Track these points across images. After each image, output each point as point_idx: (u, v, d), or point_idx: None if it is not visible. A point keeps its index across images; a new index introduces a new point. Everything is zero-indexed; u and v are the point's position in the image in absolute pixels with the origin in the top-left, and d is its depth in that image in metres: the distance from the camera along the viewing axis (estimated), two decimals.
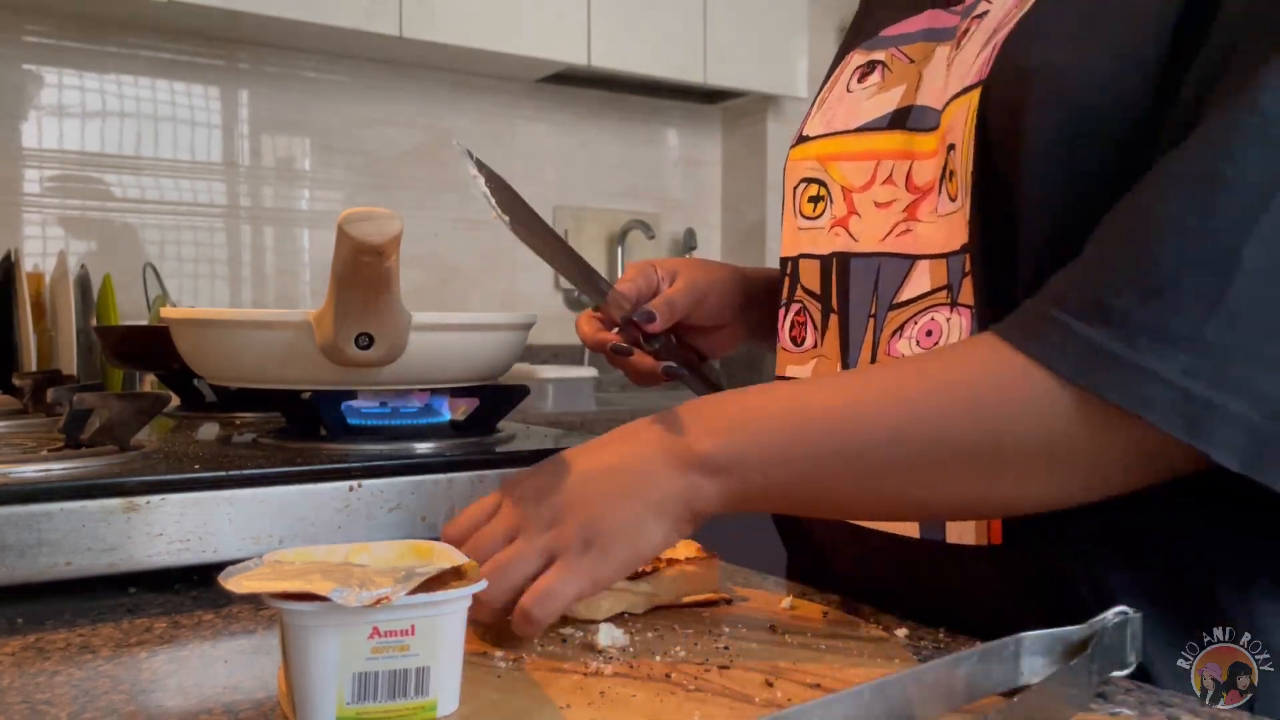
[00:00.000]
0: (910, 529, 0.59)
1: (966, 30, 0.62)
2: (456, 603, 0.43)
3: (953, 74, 0.61)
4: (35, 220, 2.22)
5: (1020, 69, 0.54)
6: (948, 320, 0.59)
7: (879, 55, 0.70)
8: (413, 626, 0.41)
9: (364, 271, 0.67)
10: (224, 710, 0.45)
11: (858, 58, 0.72)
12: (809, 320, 0.69)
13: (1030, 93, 0.53)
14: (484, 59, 2.49)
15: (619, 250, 2.89)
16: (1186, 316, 0.45)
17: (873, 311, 0.64)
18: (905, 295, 0.61)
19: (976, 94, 0.56)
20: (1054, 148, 0.52)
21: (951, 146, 0.58)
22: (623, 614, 0.57)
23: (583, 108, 2.86)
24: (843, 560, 0.67)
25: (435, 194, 2.65)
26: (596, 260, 2.88)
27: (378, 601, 0.40)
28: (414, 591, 0.41)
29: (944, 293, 0.59)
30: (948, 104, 0.60)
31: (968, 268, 0.58)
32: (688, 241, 3.00)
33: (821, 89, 0.84)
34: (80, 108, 2.24)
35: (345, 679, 0.41)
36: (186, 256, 2.37)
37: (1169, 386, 0.45)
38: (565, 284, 2.84)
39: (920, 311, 0.61)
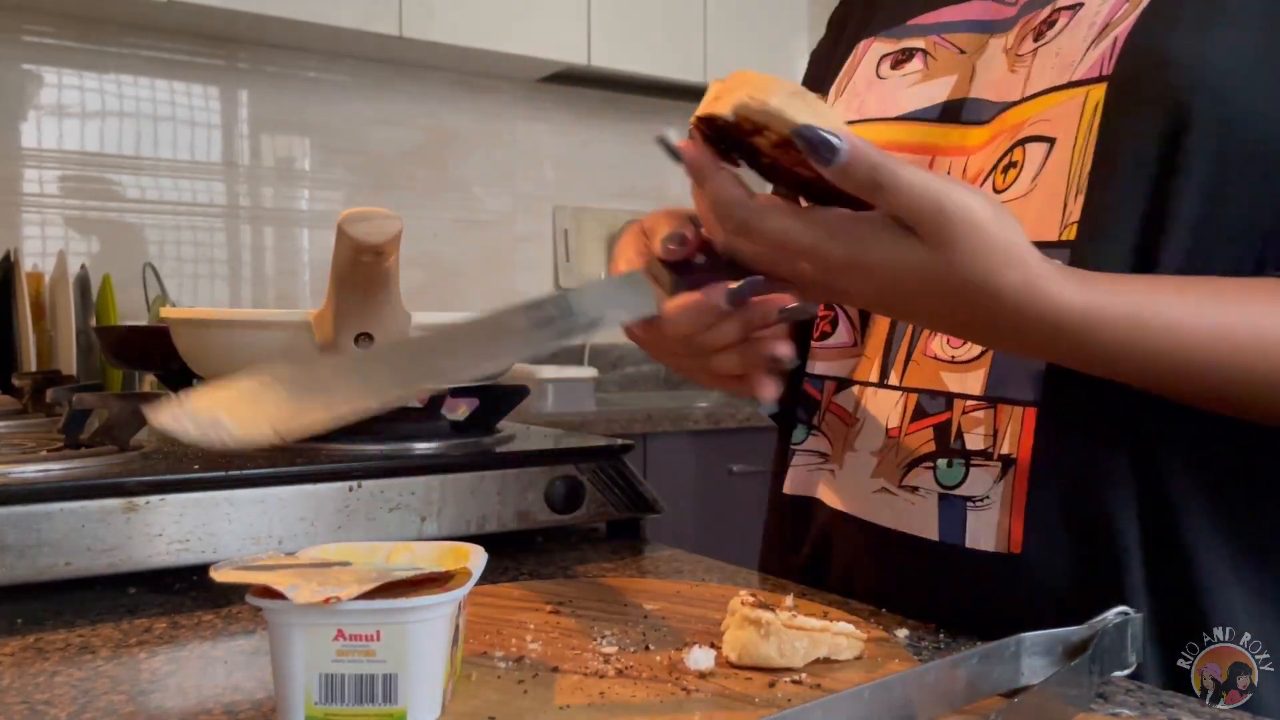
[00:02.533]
0: (930, 531, 0.59)
1: (1050, 20, 0.60)
2: (425, 611, 0.41)
3: (1038, 65, 0.59)
4: (35, 220, 2.22)
5: (1152, 62, 0.53)
6: None
7: (916, 43, 0.67)
8: (378, 632, 0.40)
9: (363, 271, 0.67)
10: (223, 711, 0.45)
11: (881, 45, 0.70)
12: (841, 316, 0.68)
13: (1166, 86, 0.52)
14: (484, 59, 2.49)
15: None
16: None
17: None
18: None
19: (1098, 89, 0.54)
20: (1196, 141, 0.51)
21: (1036, 139, 0.57)
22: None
23: (583, 108, 2.86)
24: (853, 559, 0.66)
25: (435, 194, 2.65)
26: (596, 260, 2.88)
27: (326, 601, 0.39)
28: (382, 595, 0.40)
29: None
30: (1033, 96, 0.58)
31: None
32: None
33: (811, 82, 0.82)
34: (80, 108, 2.24)
35: (312, 678, 0.40)
36: (186, 256, 2.37)
37: None
38: (565, 284, 2.84)
39: None
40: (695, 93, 2.91)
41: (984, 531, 0.56)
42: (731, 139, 0.49)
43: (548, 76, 2.70)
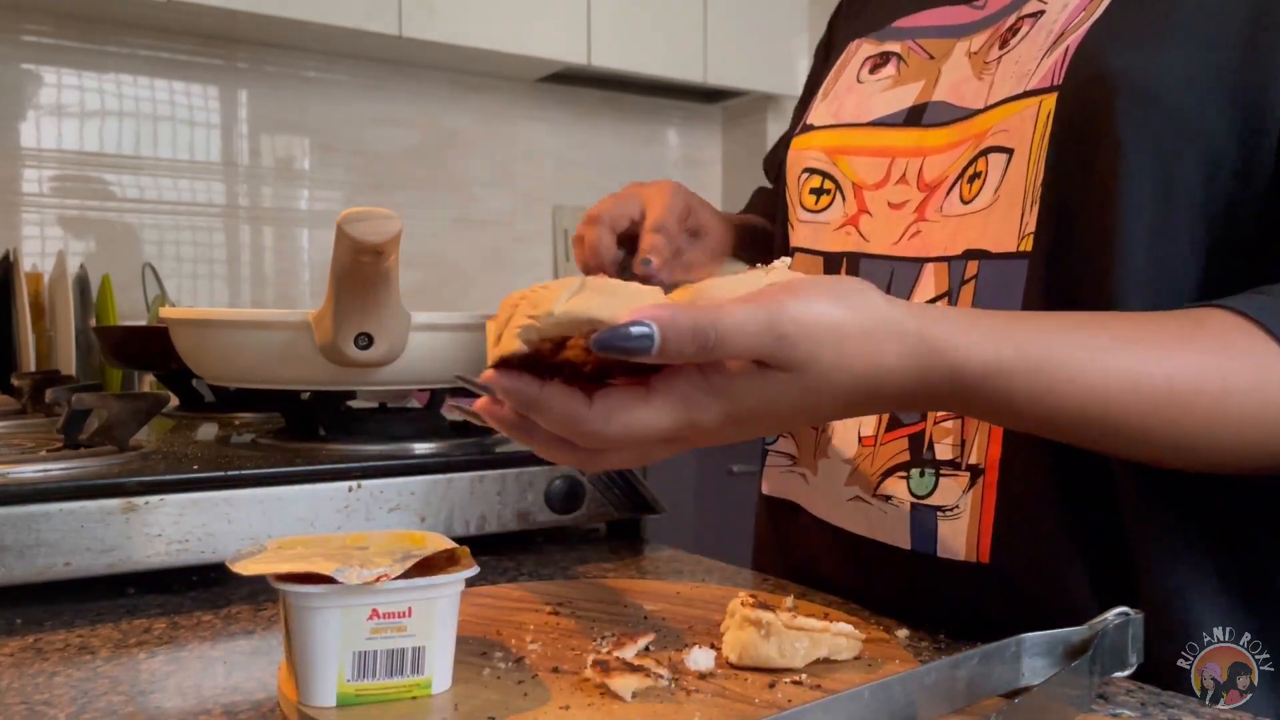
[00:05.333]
0: (903, 541, 0.59)
1: (1014, 28, 0.60)
2: (451, 586, 0.44)
3: (1001, 73, 0.59)
4: (34, 220, 2.21)
5: (1099, 74, 0.53)
6: None
7: (894, 47, 0.68)
8: (410, 609, 0.43)
9: (363, 271, 0.67)
10: (223, 711, 0.45)
11: (867, 47, 0.70)
12: None
13: (1113, 97, 0.52)
14: (484, 59, 2.49)
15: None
16: None
17: None
18: (916, 300, 0.60)
19: (1050, 99, 0.54)
20: (1141, 151, 0.51)
21: (997, 149, 0.57)
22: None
23: (583, 108, 2.86)
24: (832, 565, 0.66)
25: (435, 194, 2.65)
26: None
27: (378, 579, 0.42)
28: (410, 575, 0.43)
29: (944, 300, 0.59)
30: (995, 105, 0.58)
31: (967, 274, 0.57)
32: None
33: (812, 77, 0.83)
34: (79, 107, 2.24)
35: (346, 658, 0.43)
36: (185, 256, 2.37)
37: None
38: None
39: None
40: (695, 93, 2.91)
41: (954, 541, 0.57)
42: (542, 367, 0.43)
43: (548, 76, 2.70)
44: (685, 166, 3.05)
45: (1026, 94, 0.56)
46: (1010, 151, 0.56)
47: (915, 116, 0.63)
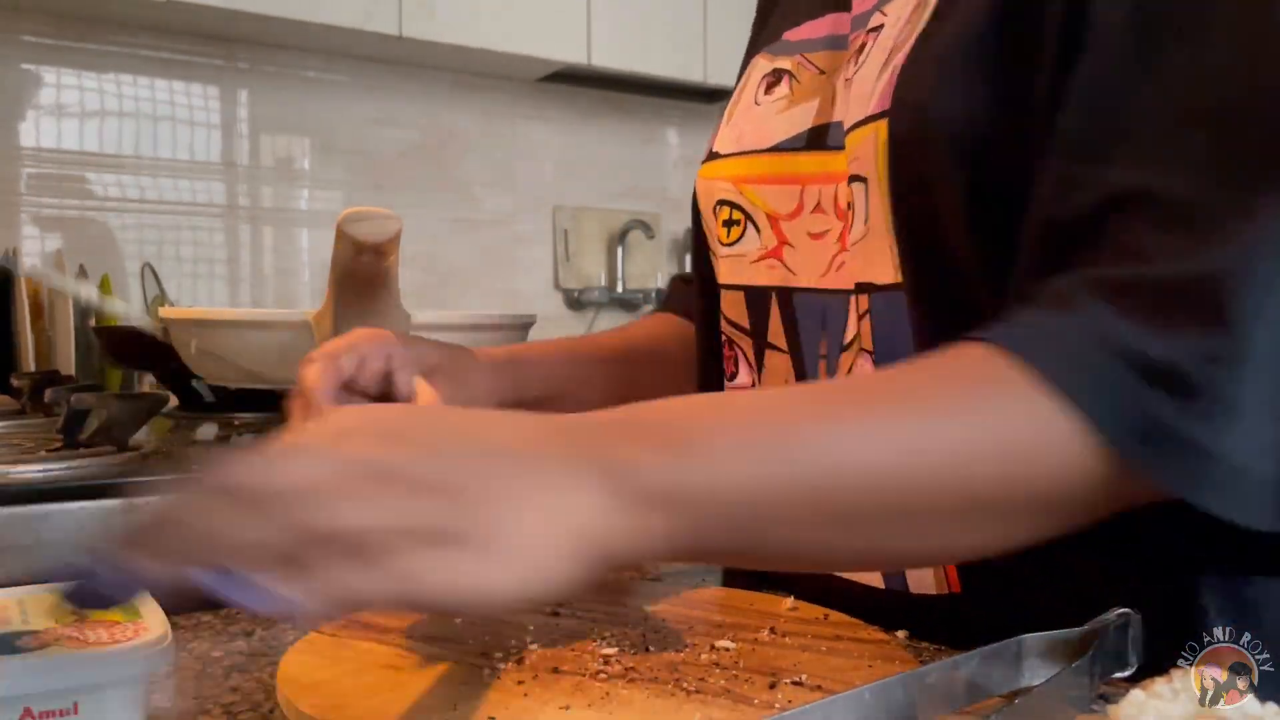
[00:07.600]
0: (874, 578, 0.58)
1: (863, 45, 0.58)
2: (130, 665, 0.31)
3: (852, 95, 0.57)
4: (34, 220, 2.21)
5: (916, 103, 0.51)
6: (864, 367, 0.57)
7: (784, 63, 0.65)
8: (75, 705, 0.31)
9: (363, 271, 0.68)
10: (223, 711, 0.45)
11: (763, 63, 0.67)
12: (739, 355, 0.66)
13: (926, 129, 0.50)
14: (484, 58, 2.49)
15: (619, 250, 2.89)
16: (1262, 388, 0.40)
17: (823, 353, 0.61)
18: (849, 335, 0.59)
19: (883, 126, 0.53)
20: (956, 185, 0.50)
21: (857, 178, 0.55)
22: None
23: (583, 108, 2.86)
24: (804, 594, 0.65)
25: (435, 194, 2.65)
26: (596, 260, 2.88)
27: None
28: (73, 645, 0.30)
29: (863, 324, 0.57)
30: (850, 129, 0.56)
31: (861, 308, 0.56)
32: (687, 241, 3.00)
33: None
34: (79, 107, 2.24)
35: None
36: (185, 256, 2.37)
37: (1231, 469, 0.40)
38: (565, 284, 2.84)
39: (859, 354, 0.58)
40: (695, 93, 2.91)
41: (923, 575, 0.56)
42: None
43: (548, 76, 2.70)
44: (685, 166, 3.05)
45: (867, 119, 0.54)
46: (865, 180, 0.55)
47: (817, 139, 0.60)
